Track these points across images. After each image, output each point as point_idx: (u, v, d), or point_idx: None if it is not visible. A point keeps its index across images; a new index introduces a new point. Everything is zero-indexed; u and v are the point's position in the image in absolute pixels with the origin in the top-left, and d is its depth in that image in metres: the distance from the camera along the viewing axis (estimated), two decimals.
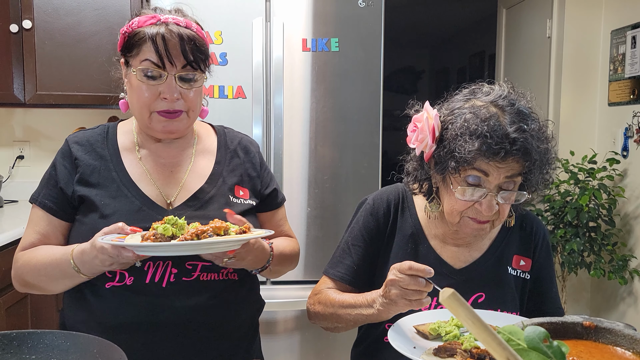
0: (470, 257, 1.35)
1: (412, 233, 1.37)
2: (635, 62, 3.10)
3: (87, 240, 1.17)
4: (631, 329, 0.82)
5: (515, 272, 1.35)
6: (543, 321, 0.85)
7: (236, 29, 2.53)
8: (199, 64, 1.27)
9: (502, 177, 1.18)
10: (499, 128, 1.15)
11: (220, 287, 1.29)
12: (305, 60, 2.60)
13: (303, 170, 2.65)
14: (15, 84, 2.77)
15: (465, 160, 1.16)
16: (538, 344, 0.65)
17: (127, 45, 1.27)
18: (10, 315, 2.33)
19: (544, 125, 1.24)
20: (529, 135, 1.16)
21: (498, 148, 1.14)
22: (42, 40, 2.77)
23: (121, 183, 1.29)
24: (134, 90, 1.26)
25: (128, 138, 1.37)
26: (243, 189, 1.38)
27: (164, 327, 1.24)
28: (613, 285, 3.29)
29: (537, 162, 1.18)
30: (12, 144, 3.15)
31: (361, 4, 2.60)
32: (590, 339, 0.84)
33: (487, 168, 1.17)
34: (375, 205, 1.40)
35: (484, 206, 1.19)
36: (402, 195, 1.42)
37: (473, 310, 0.60)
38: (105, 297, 1.24)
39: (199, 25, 1.31)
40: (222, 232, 1.11)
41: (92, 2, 2.80)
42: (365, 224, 1.40)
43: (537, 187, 1.24)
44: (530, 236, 1.38)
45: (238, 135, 1.47)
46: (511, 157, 1.15)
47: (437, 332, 1.16)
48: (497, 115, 1.18)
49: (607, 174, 3.13)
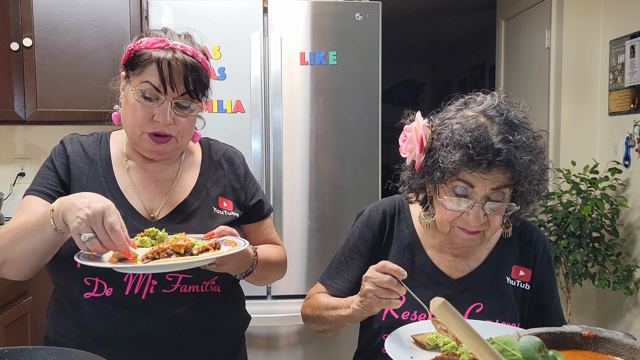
0: (467, 267, 1.34)
1: (408, 243, 1.36)
2: (635, 71, 3.10)
3: (69, 241, 1.15)
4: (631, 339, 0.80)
5: (515, 283, 1.33)
6: (541, 331, 0.83)
7: (234, 43, 2.54)
8: (197, 94, 1.28)
9: (487, 189, 1.17)
10: (484, 139, 1.14)
11: (200, 299, 1.28)
12: (303, 74, 2.61)
13: (303, 183, 2.65)
14: (16, 102, 2.79)
15: (449, 170, 1.16)
16: (533, 354, 0.64)
17: (131, 62, 1.27)
18: (10, 332, 2.32)
19: (536, 136, 1.23)
20: (512, 147, 1.14)
21: (480, 159, 1.13)
22: (42, 58, 2.79)
23: (107, 189, 1.30)
24: (129, 107, 1.27)
25: (118, 148, 1.38)
26: (227, 200, 1.38)
27: (144, 339, 1.23)
28: (618, 296, 3.26)
29: (524, 173, 1.16)
30: (13, 161, 3.16)
31: (358, 17, 2.61)
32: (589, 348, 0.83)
33: (471, 179, 1.17)
34: (371, 217, 1.40)
35: (471, 217, 1.18)
36: (399, 206, 1.41)
37: (464, 320, 0.59)
38: (84, 308, 1.23)
39: (205, 56, 1.32)
40: (183, 251, 1.10)
41: (91, 20, 2.82)
42: (361, 235, 1.40)
43: (528, 198, 1.22)
44: (529, 246, 1.37)
45: (223, 146, 1.48)
46: (495, 168, 1.14)
47: (434, 342, 1.14)
48: (484, 126, 1.17)
49: (609, 184, 3.12)
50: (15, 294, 2.38)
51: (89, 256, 1.13)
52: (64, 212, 1.08)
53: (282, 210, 2.59)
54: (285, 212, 2.61)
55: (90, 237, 1.04)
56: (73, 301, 1.25)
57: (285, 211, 2.61)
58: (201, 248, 1.12)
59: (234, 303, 1.40)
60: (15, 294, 2.38)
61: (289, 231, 2.63)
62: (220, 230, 1.23)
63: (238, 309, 1.42)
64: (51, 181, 1.28)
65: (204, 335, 1.29)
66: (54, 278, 1.30)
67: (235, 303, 1.41)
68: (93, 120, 2.86)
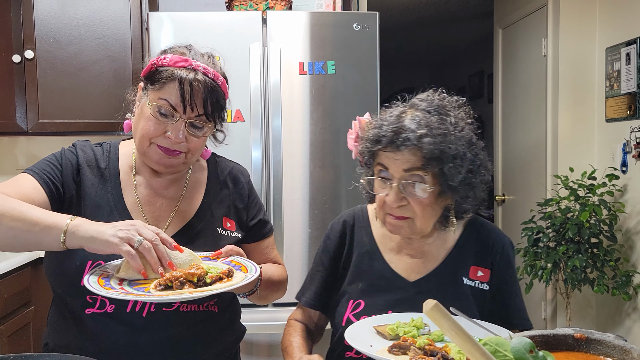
0: (424, 269, 1.35)
1: (367, 250, 1.39)
2: (630, 78, 3.13)
3: (71, 253, 1.16)
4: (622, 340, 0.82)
5: (473, 283, 1.34)
6: (534, 334, 0.85)
7: (234, 54, 2.57)
8: (214, 117, 1.28)
9: (401, 170, 1.22)
10: (394, 121, 1.22)
11: (199, 317, 1.30)
12: (302, 84, 2.64)
13: (303, 192, 2.67)
14: (18, 113, 2.82)
15: (367, 152, 1.27)
16: (524, 355, 0.66)
17: (152, 77, 1.26)
18: (13, 342, 2.34)
19: (456, 122, 1.24)
20: (417, 127, 1.19)
21: (385, 138, 1.21)
22: (44, 70, 2.82)
23: (114, 207, 1.30)
24: (143, 119, 1.26)
25: (127, 162, 1.37)
26: (230, 220, 1.39)
27: (143, 354, 1.25)
28: (618, 302, 3.27)
29: (435, 155, 1.19)
30: (15, 172, 3.18)
31: (356, 27, 2.65)
32: (581, 350, 0.84)
33: (386, 161, 1.24)
34: (331, 229, 1.46)
35: (389, 198, 1.23)
36: (358, 214, 1.46)
37: (456, 321, 0.61)
38: (85, 323, 1.24)
39: (224, 79, 1.33)
40: (196, 279, 1.10)
41: (92, 32, 2.86)
42: (324, 248, 1.45)
43: (451, 184, 1.23)
44: (487, 247, 1.37)
45: (229, 164, 1.48)
46: (405, 149, 1.19)
47: (395, 332, 1.16)
48: (403, 112, 1.25)
49: (607, 190, 3.14)
50: (17, 304, 2.40)
51: (98, 278, 1.12)
52: (88, 231, 1.09)
53: (283, 219, 2.61)
54: (286, 220, 2.63)
55: (141, 240, 1.08)
56: (74, 314, 1.26)
57: (285, 219, 2.63)
58: (215, 277, 1.12)
59: (231, 319, 1.41)
60: (17, 304, 2.40)
61: (290, 239, 2.64)
62: (228, 250, 1.25)
63: (234, 323, 1.44)
64: (52, 173, 1.27)
65: (201, 350, 1.31)
66: (57, 291, 1.31)
67: (232, 318, 1.42)
68: (95, 130, 2.89)
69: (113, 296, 1.06)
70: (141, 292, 1.08)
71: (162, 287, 1.09)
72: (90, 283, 1.09)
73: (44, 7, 2.82)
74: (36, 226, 1.11)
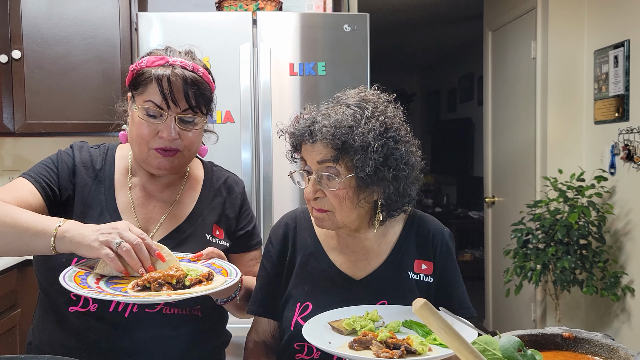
0: (369, 267, 1.34)
1: (311, 252, 1.37)
2: (619, 80, 3.16)
3: (61, 255, 1.15)
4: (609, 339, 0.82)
5: (418, 277, 1.33)
6: (523, 333, 0.85)
7: (224, 54, 2.56)
8: (200, 108, 1.28)
9: (315, 162, 1.22)
10: (312, 115, 1.24)
11: (182, 320, 1.29)
12: (292, 85, 2.63)
13: (293, 193, 2.66)
14: (5, 114, 2.79)
15: (291, 147, 1.29)
16: (512, 353, 0.66)
17: (134, 83, 1.28)
18: None
19: (369, 117, 1.23)
20: (326, 120, 1.20)
21: (299, 131, 1.23)
22: (31, 70, 2.80)
23: (105, 208, 1.30)
24: (135, 126, 1.28)
25: (123, 164, 1.38)
26: (219, 229, 1.39)
27: (126, 354, 1.24)
28: (606, 303, 3.29)
29: (344, 147, 1.18)
30: (1, 173, 3.15)
31: (347, 28, 2.65)
32: (569, 349, 0.85)
33: (304, 154, 1.26)
34: (272, 233, 1.43)
35: (307, 189, 1.25)
36: (300, 216, 1.43)
37: (445, 320, 0.60)
38: (68, 321, 1.25)
39: (206, 70, 1.33)
40: (175, 281, 1.09)
41: (81, 32, 2.84)
42: (265, 253, 1.41)
43: (362, 175, 1.20)
44: (427, 240, 1.37)
45: (225, 174, 1.48)
46: (317, 141, 1.20)
47: (352, 327, 1.14)
48: (327, 108, 1.25)
49: (596, 192, 3.16)
50: (3, 307, 2.38)
51: (74, 276, 1.11)
52: (74, 237, 1.09)
53: (273, 220, 2.60)
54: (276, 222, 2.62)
55: (120, 242, 1.08)
56: (58, 312, 1.26)
57: (275, 221, 2.62)
58: (194, 279, 1.11)
59: (216, 324, 1.40)
60: (3, 307, 2.38)
61: None
62: (209, 252, 1.24)
63: (219, 329, 1.43)
64: (49, 176, 1.28)
65: (184, 353, 1.30)
66: (44, 285, 1.31)
67: (217, 324, 1.41)
68: (83, 131, 2.87)
69: (88, 295, 1.06)
70: (118, 292, 1.07)
71: (139, 288, 1.08)
72: (66, 281, 1.08)
73: (32, 7, 2.79)
74: (27, 232, 1.12)
